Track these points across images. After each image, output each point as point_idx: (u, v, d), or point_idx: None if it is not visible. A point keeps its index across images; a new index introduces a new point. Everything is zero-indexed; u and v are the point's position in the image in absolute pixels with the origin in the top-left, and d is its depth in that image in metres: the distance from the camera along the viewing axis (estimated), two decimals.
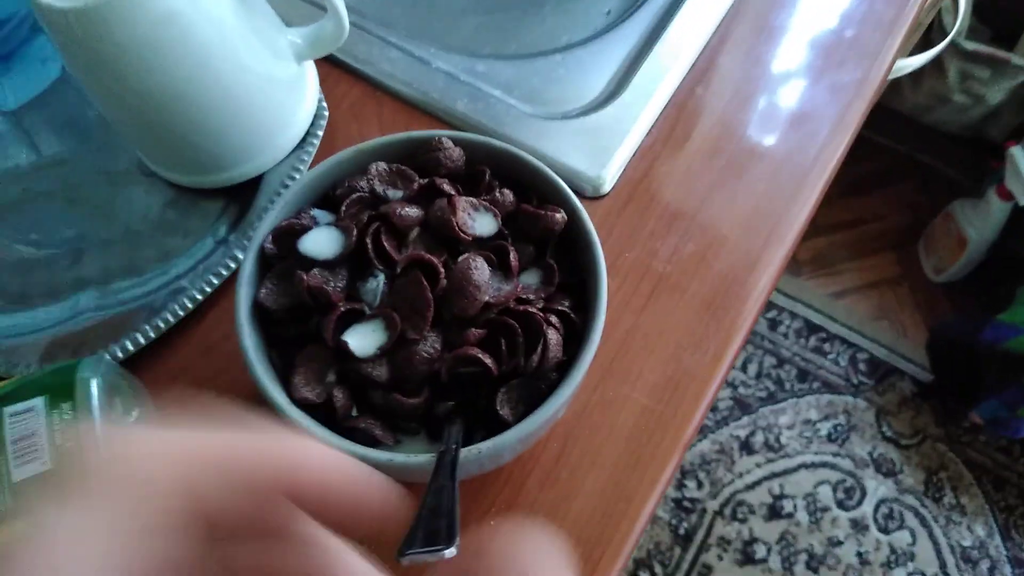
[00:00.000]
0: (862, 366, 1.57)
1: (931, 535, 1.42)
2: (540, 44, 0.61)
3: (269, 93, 0.51)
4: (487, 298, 0.36)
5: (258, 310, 0.39)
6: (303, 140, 0.54)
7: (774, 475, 1.47)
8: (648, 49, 0.58)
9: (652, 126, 0.56)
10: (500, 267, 0.38)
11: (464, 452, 0.34)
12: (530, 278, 0.39)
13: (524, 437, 0.36)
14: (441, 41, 0.60)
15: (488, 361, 0.35)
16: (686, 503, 1.44)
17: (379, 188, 0.39)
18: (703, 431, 1.51)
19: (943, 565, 1.39)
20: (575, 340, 0.38)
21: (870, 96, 0.59)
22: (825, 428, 1.51)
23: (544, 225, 0.39)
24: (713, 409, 1.53)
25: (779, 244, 0.52)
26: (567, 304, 0.39)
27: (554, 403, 0.35)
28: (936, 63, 1.17)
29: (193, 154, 0.52)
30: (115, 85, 0.47)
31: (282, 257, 0.39)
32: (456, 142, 0.41)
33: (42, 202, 0.55)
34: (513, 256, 0.38)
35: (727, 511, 1.44)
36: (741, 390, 1.55)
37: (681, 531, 1.42)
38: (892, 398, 1.54)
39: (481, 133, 0.48)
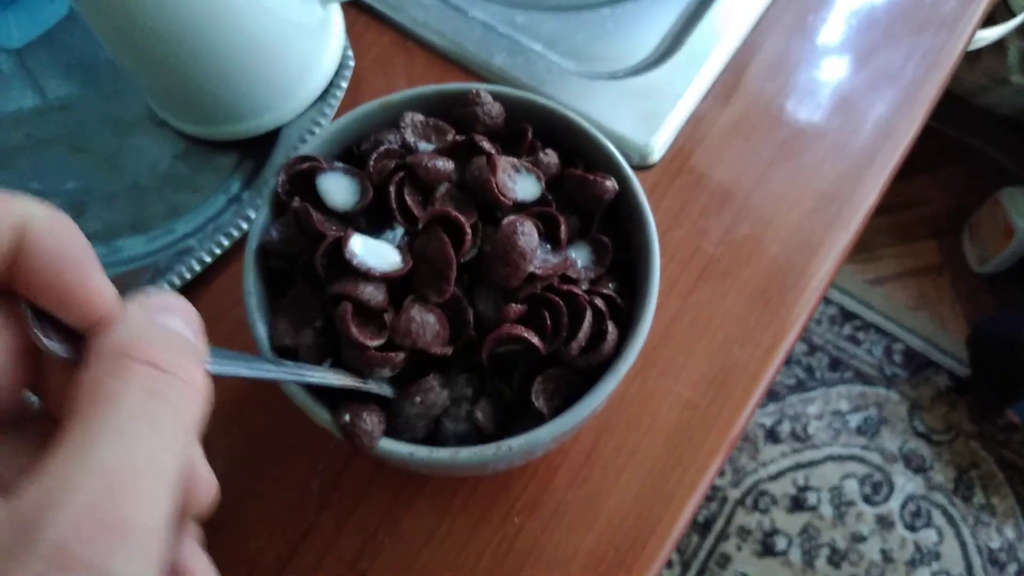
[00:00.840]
0: (897, 357, 1.51)
1: (958, 535, 1.37)
2: None
3: (290, 37, 0.47)
4: (533, 269, 0.32)
5: (267, 258, 0.35)
6: (325, 91, 0.50)
7: (799, 466, 1.43)
8: (706, 6, 0.53)
9: (707, 92, 0.51)
10: (547, 237, 0.33)
11: (493, 450, 0.30)
12: (577, 254, 0.34)
13: (560, 435, 0.31)
14: None
15: (535, 340, 0.31)
16: (707, 490, 1.40)
17: (411, 139, 0.35)
18: None
19: (969, 567, 1.35)
20: (620, 327, 0.33)
21: (948, 68, 0.53)
22: (855, 420, 1.46)
23: (593, 193, 0.34)
24: None
25: (843, 229, 0.47)
26: (612, 287, 0.35)
27: (595, 399, 0.31)
28: (996, 41, 1.10)
29: (206, 102, 0.47)
30: (123, 23, 0.42)
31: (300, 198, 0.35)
32: (496, 97, 0.37)
33: (45, 149, 0.51)
34: (563, 226, 0.33)
35: (749, 500, 1.40)
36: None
37: (700, 519, 1.38)
38: (926, 392, 1.48)
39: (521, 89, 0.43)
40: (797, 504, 1.39)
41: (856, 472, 1.42)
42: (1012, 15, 1.23)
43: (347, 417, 0.30)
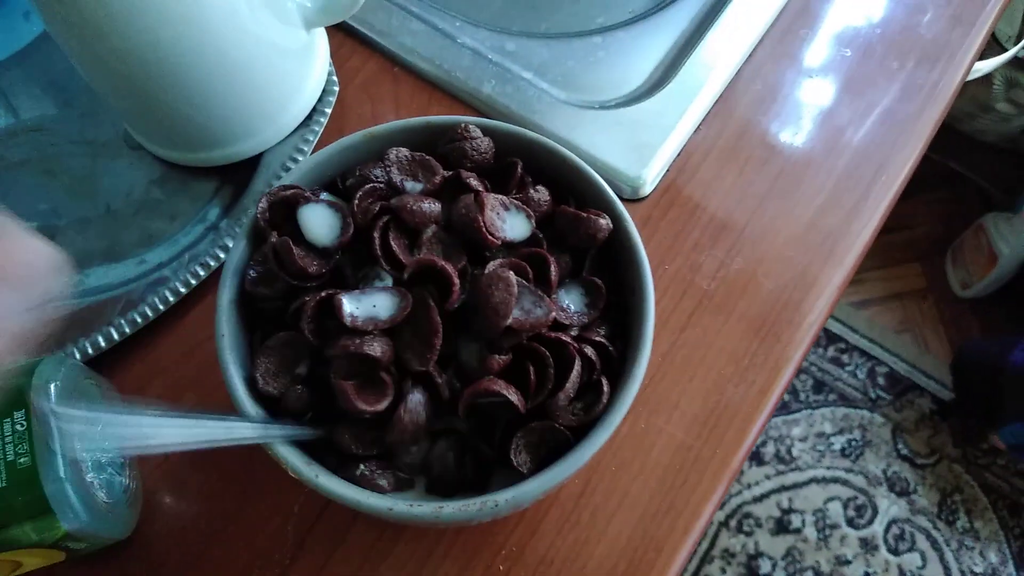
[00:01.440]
0: (881, 380, 1.51)
1: (942, 559, 1.37)
2: (575, 23, 0.55)
3: (272, 61, 0.45)
4: (517, 321, 0.30)
5: (246, 298, 0.33)
6: (308, 117, 0.48)
7: (784, 488, 1.42)
8: (699, 37, 0.52)
9: (699, 124, 0.50)
10: (536, 279, 0.32)
11: (478, 505, 0.29)
12: (569, 297, 0.33)
13: (546, 490, 0.30)
14: (467, 14, 0.53)
15: (513, 398, 0.30)
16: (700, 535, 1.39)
17: (396, 178, 0.33)
18: None
19: None
20: (611, 377, 0.32)
21: (945, 101, 0.52)
22: (839, 442, 1.46)
23: (587, 231, 0.33)
24: None
25: (838, 265, 0.46)
26: (603, 331, 0.33)
27: (584, 453, 0.30)
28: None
29: (183, 127, 0.46)
30: (97, 44, 0.41)
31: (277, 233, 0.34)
32: (485, 131, 0.35)
33: (16, 171, 0.49)
34: (553, 269, 0.32)
35: (733, 523, 1.39)
36: None
37: None
38: (910, 415, 1.48)
39: (509, 120, 0.42)
40: (781, 527, 1.39)
41: (840, 495, 1.41)
42: (999, 45, 1.23)
43: (362, 469, 0.29)
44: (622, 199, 0.35)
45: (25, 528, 0.34)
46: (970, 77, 0.65)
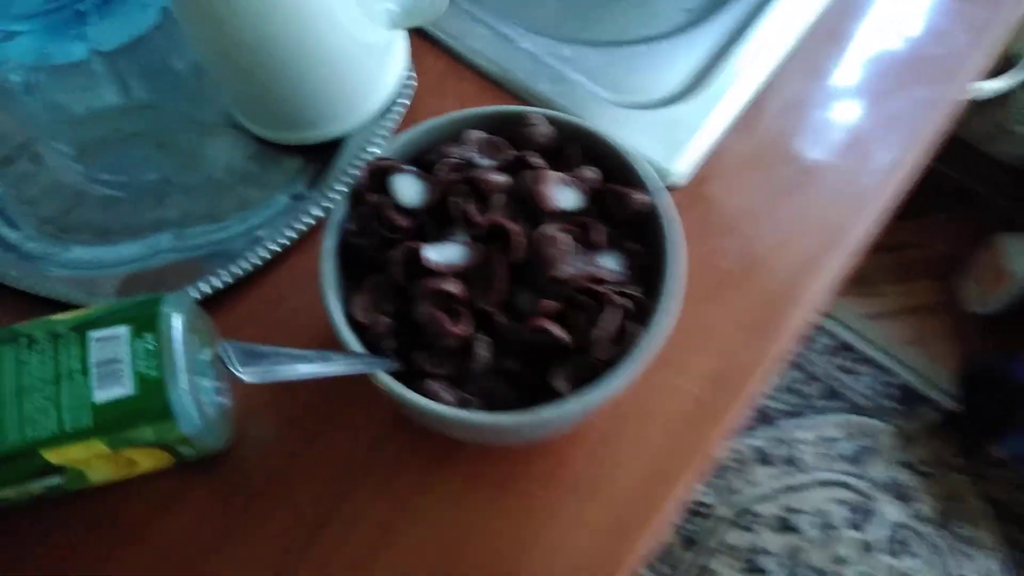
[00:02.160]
0: (890, 390, 1.57)
1: (939, 564, 1.42)
2: (619, 34, 0.62)
3: (360, 56, 0.53)
4: (565, 272, 0.37)
5: (343, 249, 0.41)
6: (388, 107, 0.56)
7: (789, 489, 1.48)
8: (733, 48, 0.59)
9: (728, 127, 0.57)
10: (582, 241, 0.39)
11: (528, 417, 0.36)
12: (610, 260, 0.40)
13: (584, 409, 0.37)
14: (527, 21, 0.61)
15: (561, 334, 0.37)
16: (696, 507, 1.45)
17: (473, 155, 0.41)
18: None
19: None
20: (643, 320, 0.39)
21: (945, 116, 0.59)
22: (845, 448, 1.51)
23: (629, 205, 0.40)
24: None
25: (838, 259, 0.53)
26: (640, 290, 0.40)
27: (618, 379, 0.37)
28: (1005, 92, 1.16)
29: (281, 109, 0.53)
30: (220, 36, 0.48)
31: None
32: (547, 120, 0.43)
33: (131, 143, 0.57)
34: (595, 232, 0.39)
35: (737, 519, 1.44)
36: (765, 402, 1.55)
37: (688, 534, 1.43)
38: (917, 425, 1.53)
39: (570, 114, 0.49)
40: (784, 525, 1.44)
41: (843, 498, 1.46)
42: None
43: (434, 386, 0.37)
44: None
45: (148, 429, 0.42)
46: (981, 96, 0.72)
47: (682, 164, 0.54)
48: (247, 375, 0.32)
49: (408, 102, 0.56)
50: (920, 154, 0.58)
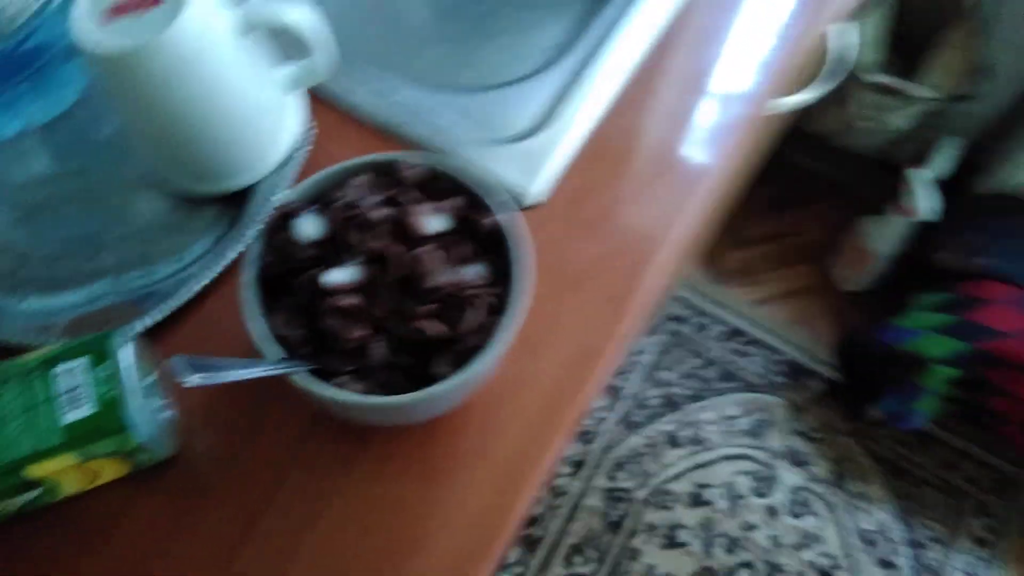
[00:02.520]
0: (780, 367, 1.73)
1: (837, 520, 1.56)
2: (486, 79, 0.74)
3: (261, 116, 0.63)
4: (437, 281, 0.48)
5: (260, 277, 0.51)
6: (291, 156, 0.66)
7: (698, 466, 1.61)
8: (575, 87, 0.71)
9: (575, 152, 0.69)
10: (451, 256, 0.50)
11: (420, 395, 0.47)
12: (473, 270, 0.51)
13: (463, 386, 0.48)
14: (406, 72, 0.72)
15: (436, 329, 0.48)
16: (618, 493, 1.57)
17: (359, 195, 0.52)
18: (634, 427, 1.65)
19: (847, 547, 1.54)
20: (502, 315, 0.50)
21: (749, 130, 0.72)
22: (745, 423, 1.66)
23: (481, 226, 0.52)
24: (643, 407, 1.67)
25: (667, 250, 0.66)
26: (499, 291, 0.51)
27: (487, 358, 0.48)
28: (838, 92, 1.32)
29: (197, 165, 0.63)
30: (138, 107, 0.58)
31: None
32: (420, 161, 0.54)
33: (67, 204, 0.66)
34: (459, 249, 0.50)
35: (654, 500, 1.57)
36: (670, 389, 1.69)
37: (613, 519, 1.55)
38: (806, 396, 1.69)
39: (438, 154, 0.60)
40: (696, 500, 1.57)
41: (746, 469, 1.61)
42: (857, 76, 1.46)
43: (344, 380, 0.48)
44: (517, 207, 0.53)
45: (109, 441, 0.51)
46: (790, 108, 0.86)
47: (539, 186, 0.66)
48: (192, 380, 0.42)
49: (309, 149, 0.66)
50: (735, 159, 0.71)
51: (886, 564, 1.52)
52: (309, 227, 0.51)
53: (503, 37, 0.77)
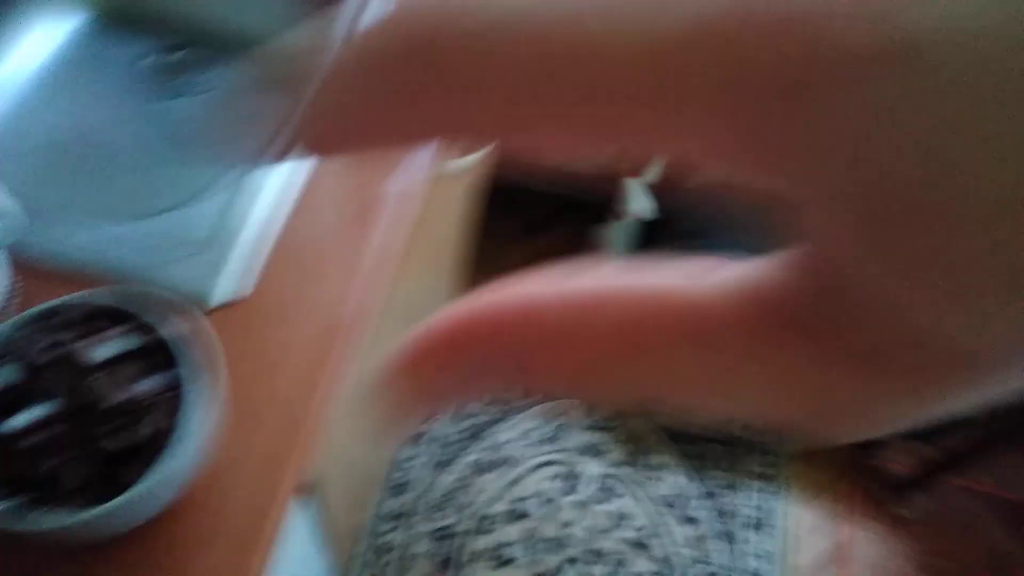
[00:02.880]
0: None
1: (639, 495, 1.71)
2: (158, 203, 0.81)
3: None
4: (114, 400, 0.55)
5: None
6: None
7: (511, 483, 1.72)
8: (234, 206, 0.80)
9: (249, 257, 0.78)
10: (123, 379, 0.57)
11: (108, 506, 0.53)
12: (149, 382, 0.58)
13: (159, 484, 0.55)
14: (95, 209, 0.78)
15: (115, 445, 0.55)
16: (441, 532, 1.65)
17: (27, 346, 0.58)
18: (443, 466, 1.74)
19: (653, 515, 1.69)
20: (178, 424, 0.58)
21: (419, 193, 0.85)
22: (545, 432, 1.79)
23: (151, 340, 0.59)
24: (447, 445, 1.77)
25: (346, 323, 0.76)
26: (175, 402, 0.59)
27: (174, 456, 0.55)
28: None
29: None
30: None
31: None
32: (81, 300, 0.60)
33: None
34: (129, 369, 0.57)
35: (477, 528, 1.66)
36: (476, 420, 1.80)
37: (442, 557, 1.63)
38: None
39: (118, 281, 0.67)
40: (515, 515, 1.68)
41: (553, 473, 1.73)
42: None
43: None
44: (201, 310, 0.60)
45: None
46: (450, 172, 0.99)
47: (223, 287, 0.74)
48: None
49: (17, 301, 0.70)
50: (406, 223, 0.83)
51: (689, 520, 1.69)
52: None
53: (173, 165, 0.84)
